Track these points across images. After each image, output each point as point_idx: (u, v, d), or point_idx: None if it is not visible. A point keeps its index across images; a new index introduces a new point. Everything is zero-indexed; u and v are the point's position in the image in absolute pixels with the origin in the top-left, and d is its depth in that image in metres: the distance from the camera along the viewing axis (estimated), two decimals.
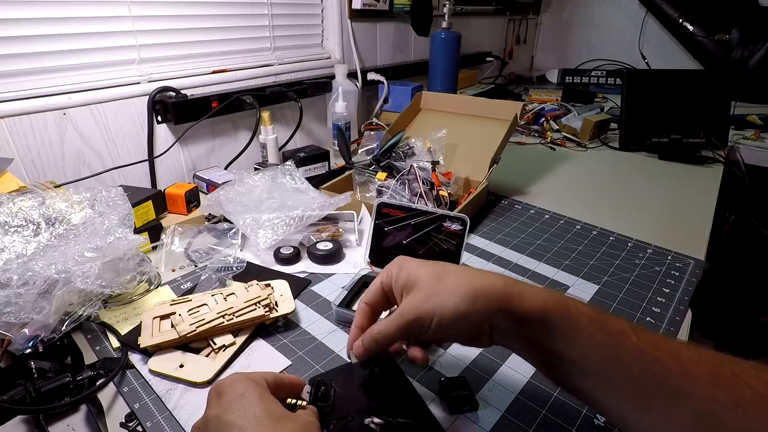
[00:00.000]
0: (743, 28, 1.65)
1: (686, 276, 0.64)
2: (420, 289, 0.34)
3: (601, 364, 0.30)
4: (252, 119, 0.96)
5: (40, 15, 0.71)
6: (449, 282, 0.34)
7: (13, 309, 0.44)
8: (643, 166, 1.10)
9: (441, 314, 0.33)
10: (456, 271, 0.35)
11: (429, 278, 0.35)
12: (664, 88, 1.20)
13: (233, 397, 0.30)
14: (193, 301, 0.51)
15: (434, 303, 0.33)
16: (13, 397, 0.40)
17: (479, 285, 0.33)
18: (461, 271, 0.35)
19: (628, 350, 0.29)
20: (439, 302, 0.33)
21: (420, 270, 0.35)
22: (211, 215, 0.77)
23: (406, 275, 0.36)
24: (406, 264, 0.37)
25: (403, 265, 0.37)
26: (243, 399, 0.30)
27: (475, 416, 0.41)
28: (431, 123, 0.96)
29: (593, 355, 0.30)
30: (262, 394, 0.31)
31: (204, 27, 0.93)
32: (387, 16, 1.35)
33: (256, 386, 0.31)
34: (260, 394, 0.31)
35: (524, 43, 2.33)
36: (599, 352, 0.30)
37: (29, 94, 0.71)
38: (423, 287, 0.34)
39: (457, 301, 0.32)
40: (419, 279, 0.35)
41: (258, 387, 0.31)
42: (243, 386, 0.31)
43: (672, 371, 0.28)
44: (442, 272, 0.35)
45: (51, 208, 0.54)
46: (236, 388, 0.31)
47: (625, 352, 0.29)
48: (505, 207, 0.86)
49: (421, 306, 0.33)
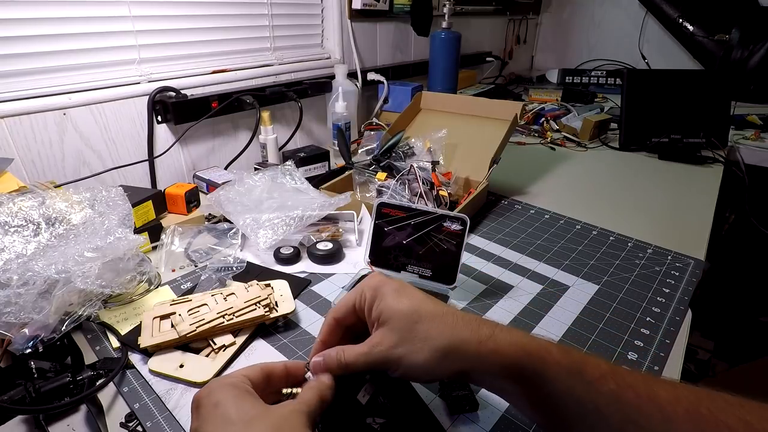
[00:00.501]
0: (743, 28, 1.65)
1: (686, 276, 0.64)
2: (392, 331, 0.33)
3: (581, 415, 0.30)
4: (252, 119, 0.96)
5: (40, 15, 0.71)
6: (422, 331, 0.33)
7: (13, 309, 0.44)
8: (643, 166, 1.10)
9: (409, 364, 0.32)
10: (431, 319, 0.33)
11: (403, 320, 0.33)
12: (664, 88, 1.20)
13: (208, 408, 0.30)
14: (193, 301, 0.51)
15: (403, 352, 0.32)
16: (13, 397, 0.40)
17: (451, 341, 0.32)
18: (437, 320, 0.33)
19: (606, 399, 0.29)
20: (408, 352, 0.32)
21: (395, 306, 0.34)
22: (211, 215, 0.77)
23: (381, 308, 0.34)
24: (383, 293, 0.35)
25: (379, 293, 0.35)
26: (217, 408, 0.30)
27: (475, 416, 0.41)
28: (431, 123, 0.96)
29: (572, 407, 0.30)
30: (237, 396, 0.30)
31: (204, 27, 0.93)
32: (387, 16, 1.35)
33: (230, 390, 0.31)
34: (234, 396, 0.30)
35: (524, 43, 2.33)
36: (578, 404, 0.30)
37: (29, 94, 0.71)
38: (395, 329, 0.33)
39: (426, 357, 0.32)
40: (393, 317, 0.34)
41: (232, 390, 0.31)
42: (216, 394, 0.31)
43: (653, 418, 0.28)
44: (417, 316, 0.33)
45: (51, 208, 0.54)
46: (211, 397, 0.31)
47: (604, 401, 0.29)
48: (505, 207, 0.86)
49: (392, 351, 0.33)
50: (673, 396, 0.29)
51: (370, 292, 0.36)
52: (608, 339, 0.51)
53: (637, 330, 0.53)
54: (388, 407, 0.36)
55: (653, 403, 0.29)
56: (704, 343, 1.57)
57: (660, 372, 0.46)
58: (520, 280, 0.62)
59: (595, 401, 0.30)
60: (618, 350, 0.49)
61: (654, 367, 0.47)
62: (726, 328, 1.60)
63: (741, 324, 1.63)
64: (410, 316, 0.33)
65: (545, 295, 0.59)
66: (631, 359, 0.48)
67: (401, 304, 0.34)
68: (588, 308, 0.57)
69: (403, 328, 0.33)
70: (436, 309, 0.34)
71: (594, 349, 0.50)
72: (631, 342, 0.51)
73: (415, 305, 0.34)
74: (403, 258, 0.57)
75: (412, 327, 0.33)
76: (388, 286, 0.35)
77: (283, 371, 0.35)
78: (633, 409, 0.29)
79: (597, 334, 0.52)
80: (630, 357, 0.48)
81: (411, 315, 0.33)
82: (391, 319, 0.34)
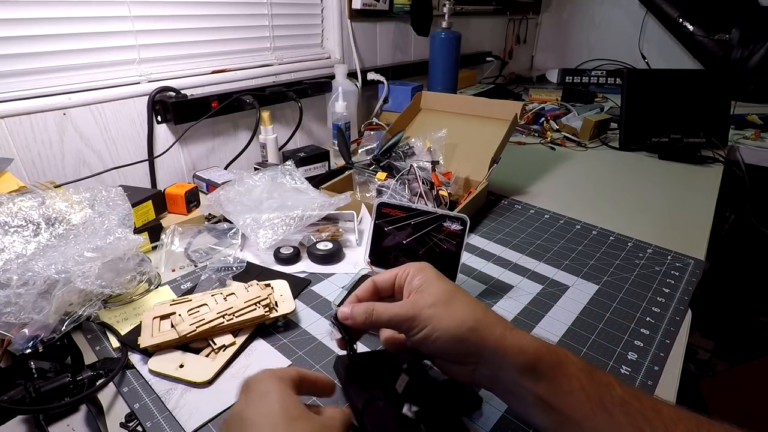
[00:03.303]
0: (743, 28, 1.65)
1: (686, 276, 0.64)
2: (428, 295, 0.36)
3: (590, 413, 0.31)
4: (252, 119, 0.96)
5: (40, 15, 0.71)
6: (457, 304, 0.36)
7: (13, 309, 0.44)
8: (643, 166, 1.10)
9: (435, 327, 0.34)
10: (467, 298, 0.37)
11: (441, 292, 0.37)
12: (664, 88, 1.20)
13: (256, 394, 0.31)
14: (193, 301, 0.51)
15: (432, 314, 0.35)
16: (13, 397, 0.40)
17: (480, 321, 0.34)
18: (471, 303, 0.36)
19: (614, 401, 0.30)
20: (437, 315, 0.35)
21: (436, 282, 0.38)
22: (211, 215, 0.77)
23: (423, 280, 0.38)
24: (427, 271, 0.39)
25: (424, 271, 0.39)
26: (264, 397, 0.31)
27: (475, 416, 0.41)
28: (431, 123, 0.96)
29: (583, 404, 0.31)
30: (285, 392, 0.31)
31: (204, 27, 0.93)
32: (387, 16, 1.35)
33: (279, 384, 0.32)
34: (282, 391, 0.31)
35: (524, 43, 2.33)
36: (588, 402, 0.31)
37: (29, 94, 0.71)
38: (431, 295, 0.36)
39: (455, 324, 0.34)
40: (432, 288, 0.37)
41: (281, 384, 0.32)
42: (267, 384, 0.32)
43: (656, 426, 0.29)
44: (455, 294, 0.37)
45: (51, 208, 0.54)
46: (262, 385, 0.32)
47: (612, 403, 0.30)
48: (505, 207, 0.86)
49: (423, 310, 0.35)
50: (675, 414, 0.29)
51: (415, 269, 0.39)
52: (608, 339, 0.51)
53: (637, 330, 0.53)
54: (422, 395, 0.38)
55: (657, 414, 0.29)
56: (704, 343, 1.57)
57: (660, 372, 0.46)
58: (520, 280, 0.62)
59: (605, 402, 0.30)
60: (618, 350, 0.49)
61: (654, 367, 0.47)
62: (726, 328, 1.60)
63: (741, 324, 1.63)
64: (448, 291, 0.37)
65: (545, 295, 0.59)
66: (631, 359, 0.48)
67: (443, 282, 0.38)
68: (588, 308, 0.57)
69: (439, 296, 0.36)
70: (471, 297, 0.38)
71: (594, 349, 0.50)
72: (631, 342, 0.51)
73: (455, 288, 0.38)
74: (403, 258, 0.57)
75: (448, 300, 0.36)
76: (432, 269, 0.39)
77: (313, 382, 0.36)
78: (638, 415, 0.29)
79: (597, 334, 0.52)
80: (630, 357, 0.48)
81: (449, 291, 0.37)
82: (428, 289, 0.37)
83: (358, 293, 0.40)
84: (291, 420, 0.29)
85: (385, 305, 0.37)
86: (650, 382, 0.45)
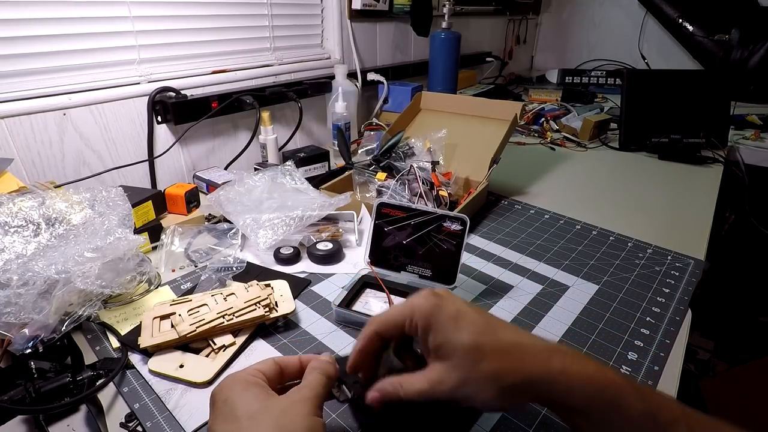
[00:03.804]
0: (743, 28, 1.65)
1: (686, 276, 0.64)
2: (454, 369, 0.32)
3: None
4: (252, 119, 0.96)
5: (40, 15, 0.71)
6: (488, 369, 0.31)
7: (13, 309, 0.44)
8: (643, 166, 1.10)
9: (475, 401, 0.32)
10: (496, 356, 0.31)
11: (465, 358, 0.31)
12: (664, 88, 1.20)
13: (219, 404, 0.31)
14: (193, 301, 0.51)
15: (469, 392, 0.31)
16: (13, 397, 0.40)
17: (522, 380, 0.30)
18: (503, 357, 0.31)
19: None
20: (474, 392, 0.31)
21: (455, 341, 0.32)
22: (211, 215, 0.77)
23: (440, 342, 0.32)
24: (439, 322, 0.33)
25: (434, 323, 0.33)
26: (226, 404, 0.30)
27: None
28: (431, 123, 0.96)
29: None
30: (244, 391, 0.31)
31: (204, 27, 0.93)
32: (387, 16, 1.35)
33: (237, 385, 0.31)
34: (241, 391, 0.31)
35: (524, 43, 2.33)
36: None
37: (29, 94, 0.71)
38: (457, 367, 0.31)
39: (494, 395, 0.31)
40: (454, 354, 0.32)
41: (239, 384, 0.31)
42: (226, 391, 0.31)
43: None
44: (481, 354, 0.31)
45: (51, 209, 0.54)
46: (221, 394, 0.31)
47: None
48: (505, 207, 0.86)
49: (456, 390, 0.31)
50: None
51: (423, 321, 0.33)
52: (608, 339, 0.51)
53: (637, 330, 0.53)
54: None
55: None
56: (704, 343, 1.57)
57: (660, 372, 0.46)
58: (520, 280, 0.62)
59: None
60: (618, 350, 0.49)
61: (654, 367, 0.47)
62: (726, 328, 1.60)
63: (741, 324, 1.63)
64: (473, 354, 0.31)
65: (545, 295, 0.59)
66: (631, 359, 0.48)
67: (461, 337, 0.32)
68: (588, 308, 0.57)
69: (466, 367, 0.31)
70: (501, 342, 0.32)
71: (594, 349, 0.50)
72: (631, 342, 0.51)
73: (477, 340, 0.32)
74: (403, 258, 0.57)
75: (476, 366, 0.31)
76: (443, 314, 0.33)
77: (297, 365, 0.35)
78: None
79: (597, 334, 0.52)
80: (630, 357, 0.48)
81: (473, 352, 0.31)
82: (452, 356, 0.32)
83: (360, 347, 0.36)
84: (250, 419, 0.29)
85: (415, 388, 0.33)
86: (650, 382, 0.45)
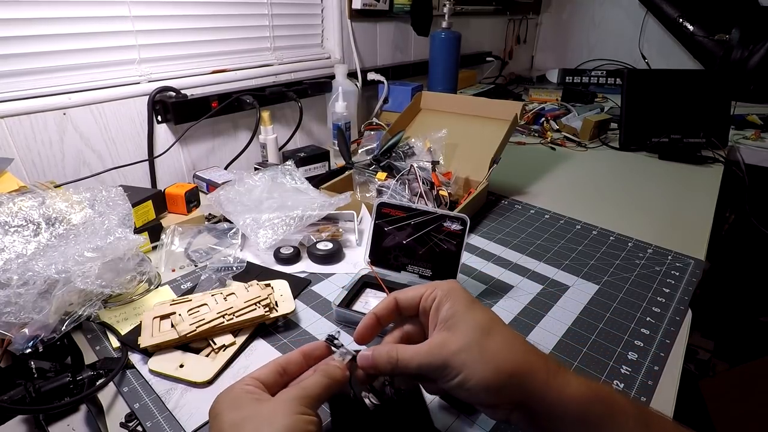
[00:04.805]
0: (743, 28, 1.65)
1: (686, 276, 0.64)
2: (460, 337, 0.32)
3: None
4: (252, 119, 0.96)
5: (40, 15, 0.71)
6: (492, 345, 0.31)
7: (13, 309, 0.44)
8: (643, 166, 1.10)
9: (469, 376, 0.30)
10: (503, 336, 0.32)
11: (473, 328, 0.32)
12: (664, 88, 1.20)
13: (212, 420, 0.31)
14: (193, 301, 0.51)
15: (466, 360, 0.31)
16: (13, 397, 0.40)
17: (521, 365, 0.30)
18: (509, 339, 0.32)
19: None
20: (471, 361, 0.30)
21: (468, 314, 0.33)
22: (211, 215, 0.77)
23: (452, 311, 0.33)
24: (456, 297, 0.34)
25: (452, 296, 0.34)
26: (216, 419, 0.30)
27: (475, 416, 0.41)
28: (431, 123, 0.96)
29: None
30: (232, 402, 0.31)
31: (204, 27, 0.93)
32: (387, 16, 1.35)
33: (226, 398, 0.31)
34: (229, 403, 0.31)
35: (524, 43, 2.33)
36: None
37: (29, 94, 0.71)
38: (464, 336, 0.32)
39: (489, 374, 0.30)
40: (464, 324, 0.32)
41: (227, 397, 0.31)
42: (216, 406, 0.31)
43: None
44: (489, 329, 0.32)
45: (51, 208, 0.54)
46: (214, 409, 0.31)
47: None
48: (505, 207, 0.86)
49: (455, 356, 0.31)
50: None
51: (443, 292, 0.34)
52: (608, 339, 0.51)
53: (637, 330, 0.53)
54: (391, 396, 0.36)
55: None
56: (704, 343, 1.57)
57: (660, 372, 0.46)
58: (520, 280, 0.62)
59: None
60: (618, 350, 0.49)
61: (654, 367, 0.47)
62: (726, 328, 1.60)
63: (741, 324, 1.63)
64: (482, 327, 0.32)
65: (545, 295, 0.59)
66: (631, 359, 0.48)
67: (475, 312, 0.33)
68: (588, 308, 0.57)
69: (472, 336, 0.31)
70: (509, 329, 0.33)
71: (594, 349, 0.50)
72: (631, 342, 0.51)
73: (489, 318, 0.33)
74: (403, 258, 0.57)
75: (482, 338, 0.31)
76: (462, 293, 0.34)
77: (300, 358, 0.35)
78: None
79: (597, 334, 0.52)
80: (630, 357, 0.48)
81: (483, 325, 0.32)
82: (460, 323, 0.32)
83: (377, 311, 0.36)
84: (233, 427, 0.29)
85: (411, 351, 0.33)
86: (650, 382, 0.45)
